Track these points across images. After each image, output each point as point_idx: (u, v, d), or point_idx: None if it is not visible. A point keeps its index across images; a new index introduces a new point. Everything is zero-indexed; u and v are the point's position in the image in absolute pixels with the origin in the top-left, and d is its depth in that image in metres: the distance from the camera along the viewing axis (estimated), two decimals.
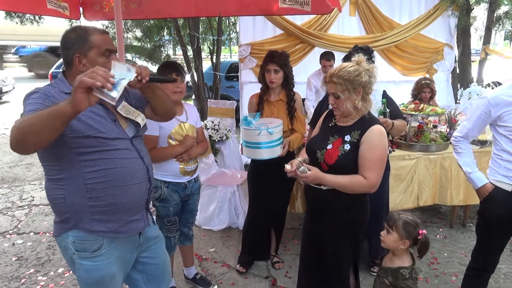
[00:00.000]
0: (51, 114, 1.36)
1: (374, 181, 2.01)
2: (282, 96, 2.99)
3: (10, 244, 3.76)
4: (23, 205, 4.71)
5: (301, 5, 3.51)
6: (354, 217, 2.16)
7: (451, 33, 6.65)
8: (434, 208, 4.37)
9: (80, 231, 1.68)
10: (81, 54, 1.65)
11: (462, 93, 4.95)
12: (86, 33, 1.66)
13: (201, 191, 3.87)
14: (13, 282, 3.15)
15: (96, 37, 1.67)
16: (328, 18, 5.86)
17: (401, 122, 2.95)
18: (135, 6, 3.78)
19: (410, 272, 2.01)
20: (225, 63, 9.80)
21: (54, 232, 1.78)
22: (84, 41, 1.65)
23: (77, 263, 1.72)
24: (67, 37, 1.68)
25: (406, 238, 2.01)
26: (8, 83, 12.98)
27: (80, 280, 1.76)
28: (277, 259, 3.35)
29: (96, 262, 1.71)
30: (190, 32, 6.42)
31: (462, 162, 2.49)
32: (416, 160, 3.61)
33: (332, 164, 2.04)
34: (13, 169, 6.11)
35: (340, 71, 2.02)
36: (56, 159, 1.62)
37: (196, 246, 3.54)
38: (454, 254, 3.52)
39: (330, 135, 2.14)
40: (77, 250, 1.70)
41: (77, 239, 1.69)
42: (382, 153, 2.04)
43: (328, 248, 2.19)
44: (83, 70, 1.57)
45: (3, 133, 8.64)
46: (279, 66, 2.89)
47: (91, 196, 1.65)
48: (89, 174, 1.64)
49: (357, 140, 2.03)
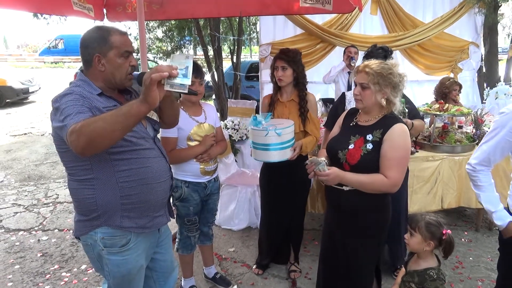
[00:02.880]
0: (126, 115, 1.46)
1: (396, 181, 1.97)
2: (294, 96, 2.88)
3: (36, 240, 3.86)
4: (48, 203, 4.83)
5: (323, 4, 3.47)
6: (377, 218, 2.12)
7: (477, 31, 6.48)
8: (459, 211, 4.26)
9: (110, 227, 1.72)
10: (101, 54, 1.68)
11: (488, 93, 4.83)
12: (107, 33, 1.69)
13: (221, 190, 3.88)
14: (38, 278, 3.23)
15: (116, 38, 1.69)
16: (350, 17, 5.80)
17: (420, 122, 2.89)
18: (157, 7, 3.83)
19: (437, 272, 1.97)
20: (245, 63, 9.82)
21: (77, 231, 1.80)
22: (104, 42, 1.68)
23: (106, 259, 1.76)
24: (88, 36, 1.71)
25: (430, 239, 1.96)
26: (34, 83, 13.35)
27: (109, 274, 1.80)
28: (295, 267, 3.21)
29: (124, 256, 1.77)
30: (211, 32, 6.46)
31: (483, 199, 2.08)
32: (441, 161, 3.53)
33: (355, 164, 2.01)
34: (39, 167, 6.28)
35: (375, 64, 2.01)
36: (86, 161, 1.65)
37: (216, 246, 3.55)
38: (480, 259, 3.42)
39: (352, 134, 2.10)
40: (106, 246, 1.74)
41: (106, 236, 1.73)
42: (405, 152, 2.00)
43: (350, 253, 2.15)
44: (102, 70, 1.69)
45: (29, 131, 8.89)
46: (287, 63, 2.77)
47: (123, 195, 1.70)
48: (122, 173, 1.69)
49: (379, 139, 1.99)
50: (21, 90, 12.64)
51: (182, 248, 2.78)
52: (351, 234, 2.14)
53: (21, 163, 6.49)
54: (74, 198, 1.78)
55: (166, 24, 7.66)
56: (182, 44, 8.16)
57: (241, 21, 6.91)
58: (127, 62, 1.72)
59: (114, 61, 1.69)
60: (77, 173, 1.71)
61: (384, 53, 2.79)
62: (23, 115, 11.05)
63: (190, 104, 2.62)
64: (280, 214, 3.01)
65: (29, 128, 9.23)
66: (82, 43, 1.72)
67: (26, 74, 15.03)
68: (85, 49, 1.70)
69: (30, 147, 7.54)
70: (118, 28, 1.76)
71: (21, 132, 8.82)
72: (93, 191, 1.69)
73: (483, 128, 3.92)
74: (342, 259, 2.18)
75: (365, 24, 6.11)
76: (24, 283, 3.15)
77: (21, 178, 5.75)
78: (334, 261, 2.25)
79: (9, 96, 12.36)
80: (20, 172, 6.03)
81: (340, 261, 2.20)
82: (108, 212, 1.71)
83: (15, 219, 4.37)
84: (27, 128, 9.28)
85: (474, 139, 3.75)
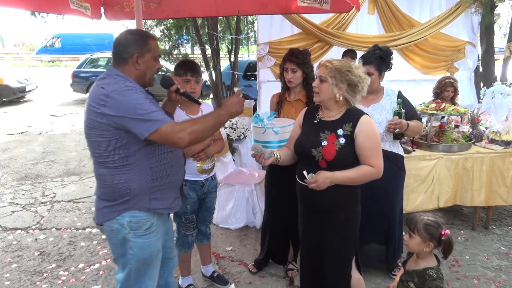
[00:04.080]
0: (221, 123, 1.90)
1: (380, 167, 2.11)
2: (301, 96, 2.91)
3: (33, 239, 3.85)
4: (45, 201, 4.82)
5: (320, 3, 3.48)
6: (350, 210, 2.20)
7: (474, 31, 6.49)
8: (455, 210, 4.28)
9: (138, 211, 1.87)
10: (139, 54, 1.87)
11: (485, 92, 4.86)
12: (146, 37, 1.92)
13: (219, 189, 3.88)
14: (35, 276, 3.23)
15: (153, 43, 1.93)
16: (347, 17, 5.80)
17: (417, 123, 2.91)
18: (155, 6, 3.82)
19: (437, 272, 1.98)
20: (243, 62, 9.81)
21: (102, 217, 1.90)
22: (144, 44, 1.88)
23: (132, 242, 1.89)
24: (129, 37, 1.90)
25: (429, 241, 1.97)
26: (31, 82, 13.31)
27: (133, 258, 1.92)
28: (292, 266, 3.23)
29: (148, 239, 1.92)
30: (209, 31, 6.46)
31: None
32: (437, 160, 3.55)
33: (331, 160, 2.06)
34: (36, 166, 6.26)
35: (336, 60, 2.13)
36: (126, 148, 1.80)
37: (213, 245, 3.55)
38: (476, 257, 3.44)
39: (320, 131, 2.15)
40: (132, 229, 1.88)
41: (134, 219, 1.87)
42: (378, 139, 2.14)
43: (327, 243, 2.21)
44: (138, 69, 1.88)
45: (26, 130, 8.87)
46: (297, 65, 2.81)
47: (154, 178, 1.88)
48: (154, 158, 1.87)
49: (351, 132, 2.08)
50: (18, 89, 12.62)
51: (179, 246, 2.79)
52: (328, 227, 2.19)
53: (18, 162, 6.47)
54: (104, 184, 1.88)
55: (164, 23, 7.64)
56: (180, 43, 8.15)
57: (239, 20, 6.91)
58: (157, 65, 1.95)
59: (149, 62, 1.90)
60: (113, 160, 1.82)
61: (380, 53, 2.83)
62: (20, 114, 11.01)
63: (188, 103, 2.63)
64: (282, 213, 3.02)
65: (26, 127, 9.21)
66: (121, 42, 1.89)
67: (23, 72, 15.02)
68: (124, 48, 1.87)
69: (27, 146, 7.52)
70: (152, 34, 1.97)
71: (18, 131, 8.80)
72: (128, 176, 1.82)
73: (479, 127, 3.94)
74: (326, 256, 2.23)
75: (362, 24, 6.11)
76: (21, 282, 3.15)
77: (18, 177, 5.74)
78: (317, 260, 2.28)
79: (6, 94, 12.33)
80: (17, 171, 6.01)
81: (324, 259, 2.24)
82: (139, 195, 1.85)
83: (12, 218, 4.36)
84: (24, 127, 9.26)
85: (470, 138, 3.77)
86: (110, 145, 1.79)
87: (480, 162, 3.62)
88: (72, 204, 4.73)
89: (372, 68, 2.79)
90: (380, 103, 2.91)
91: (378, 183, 2.44)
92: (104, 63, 13.72)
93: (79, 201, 4.81)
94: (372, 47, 2.93)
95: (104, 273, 3.26)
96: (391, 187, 2.90)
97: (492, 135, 3.79)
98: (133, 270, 1.95)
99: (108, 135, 1.76)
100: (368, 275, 3.12)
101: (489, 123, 4.07)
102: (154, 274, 2.03)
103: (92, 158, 1.91)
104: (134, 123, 1.72)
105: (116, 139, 1.77)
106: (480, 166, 3.62)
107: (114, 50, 1.90)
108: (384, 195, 2.88)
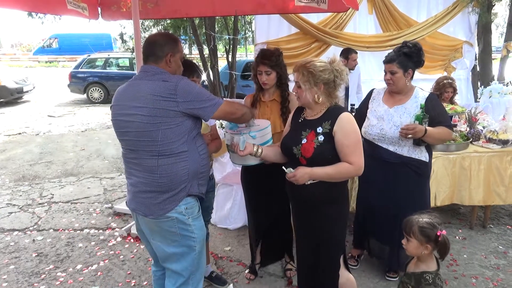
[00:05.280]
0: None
1: (359, 164, 2.10)
2: (276, 96, 2.87)
3: (31, 240, 3.84)
4: (43, 202, 4.81)
5: (318, 3, 3.48)
6: (337, 209, 2.22)
7: (471, 30, 6.51)
8: (453, 209, 4.29)
9: (189, 197, 2.09)
10: (173, 53, 2.09)
11: (482, 92, 4.86)
12: (177, 40, 2.17)
13: (217, 190, 3.88)
14: (33, 278, 3.22)
15: (181, 46, 2.18)
16: (344, 17, 5.81)
17: (442, 130, 2.72)
18: (152, 6, 3.82)
19: (434, 277, 1.95)
20: (240, 62, 9.81)
21: (162, 210, 2.03)
22: (176, 45, 2.12)
23: (192, 226, 2.10)
24: (164, 38, 2.13)
25: (426, 243, 1.95)
26: (28, 83, 13.27)
27: (196, 240, 2.12)
28: (290, 266, 3.21)
29: (201, 220, 2.18)
30: (206, 31, 6.46)
31: None
32: (435, 159, 3.54)
33: (310, 157, 2.10)
34: (34, 167, 6.24)
35: (308, 63, 2.12)
36: (183, 137, 2.01)
37: (212, 245, 3.56)
38: (474, 256, 3.45)
39: (302, 130, 2.20)
40: (189, 214, 2.08)
41: (188, 205, 2.08)
42: (357, 136, 2.12)
43: (313, 239, 2.25)
44: (170, 66, 2.09)
45: (23, 131, 8.84)
46: (270, 67, 2.76)
47: (202, 164, 2.11)
48: (200, 146, 2.12)
49: (329, 130, 2.10)
50: (15, 90, 12.57)
51: None
52: (319, 225, 2.22)
53: (16, 163, 6.45)
54: (163, 175, 2.00)
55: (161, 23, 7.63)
56: None
57: (237, 20, 6.92)
58: (181, 66, 2.19)
59: (178, 61, 2.14)
60: (176, 148, 2.00)
61: (406, 49, 2.70)
62: (17, 114, 10.98)
63: None
64: (263, 214, 3.01)
65: (23, 128, 9.18)
66: (159, 42, 2.09)
67: (20, 73, 14.99)
68: (160, 47, 2.07)
69: (25, 146, 7.50)
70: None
71: (15, 132, 8.77)
72: (187, 163, 2.03)
73: (477, 126, 3.95)
74: (315, 252, 2.26)
75: (360, 23, 6.12)
76: (19, 284, 3.14)
77: (15, 178, 5.72)
78: (307, 256, 2.32)
79: (3, 95, 12.27)
80: (14, 172, 5.99)
81: (313, 256, 2.27)
82: (192, 181, 2.07)
83: (10, 219, 4.34)
84: (22, 127, 9.23)
85: (468, 137, 3.77)
86: (175, 132, 1.98)
87: (477, 161, 3.63)
88: (70, 205, 4.72)
89: (394, 66, 2.70)
90: (405, 105, 2.77)
91: (395, 188, 2.42)
92: (102, 64, 13.70)
93: (77, 202, 4.80)
94: (402, 43, 2.79)
95: (102, 274, 3.25)
96: (407, 193, 2.81)
97: (489, 134, 3.80)
98: (197, 253, 2.14)
99: (175, 121, 1.96)
100: (368, 274, 3.13)
101: (487, 122, 4.07)
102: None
103: (145, 151, 2.00)
104: (201, 106, 1.99)
105: (181, 125, 1.99)
106: (478, 165, 3.63)
107: (148, 49, 2.09)
108: (400, 201, 2.81)
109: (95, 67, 13.66)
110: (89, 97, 13.21)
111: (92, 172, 5.89)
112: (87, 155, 6.73)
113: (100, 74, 13.35)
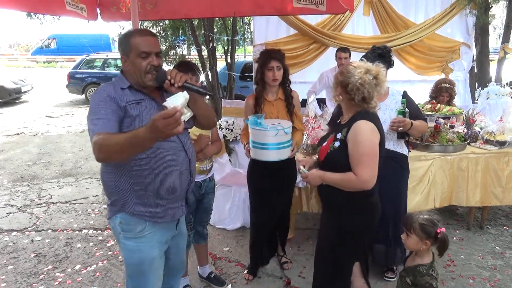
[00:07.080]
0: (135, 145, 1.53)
1: (363, 177, 1.99)
2: (280, 94, 2.93)
3: (29, 241, 3.84)
4: (41, 203, 4.81)
5: (316, 4, 3.49)
6: (353, 218, 2.14)
7: (468, 32, 6.52)
8: (451, 210, 4.31)
9: (126, 214, 1.86)
10: (126, 55, 1.84)
11: (480, 93, 4.87)
12: (128, 36, 1.84)
13: (216, 190, 3.87)
14: (32, 278, 3.22)
15: (135, 40, 1.81)
16: (343, 18, 5.82)
17: (421, 123, 2.92)
18: (151, 7, 3.82)
19: (427, 268, 2.02)
20: (239, 63, 9.83)
21: (107, 215, 1.96)
22: (126, 44, 1.83)
23: (122, 244, 1.90)
24: (119, 40, 1.90)
25: (426, 239, 2.01)
26: (27, 83, 13.25)
27: (125, 261, 1.95)
28: (285, 259, 3.29)
29: (138, 243, 1.88)
30: (205, 32, 6.46)
31: None
32: (432, 161, 3.57)
33: (322, 160, 2.13)
34: (32, 167, 6.24)
35: (345, 67, 2.13)
36: None
37: (210, 245, 3.56)
38: (472, 257, 3.47)
39: (332, 132, 2.24)
40: (123, 230, 1.88)
41: (123, 221, 1.87)
42: (366, 148, 2.00)
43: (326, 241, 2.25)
44: (128, 70, 1.84)
45: (22, 131, 8.83)
46: (280, 63, 2.84)
47: (135, 181, 1.82)
48: (135, 161, 1.78)
49: (345, 137, 2.07)
50: (14, 90, 12.57)
51: None
52: (329, 228, 2.22)
53: (14, 163, 6.44)
54: (102, 180, 1.94)
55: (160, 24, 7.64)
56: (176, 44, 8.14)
57: (235, 21, 6.92)
58: (145, 62, 1.80)
59: (134, 61, 1.81)
60: None
61: (379, 51, 2.87)
62: (15, 115, 10.97)
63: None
64: (272, 208, 3.03)
65: (21, 128, 9.17)
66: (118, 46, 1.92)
67: (19, 73, 14.94)
68: (119, 51, 1.88)
69: (23, 147, 7.49)
70: (144, 28, 1.89)
71: (13, 132, 8.76)
72: (113, 176, 1.84)
73: (474, 128, 3.97)
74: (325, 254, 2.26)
75: (358, 25, 6.13)
76: (17, 284, 3.14)
77: (13, 179, 5.72)
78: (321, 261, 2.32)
79: (1, 95, 12.27)
80: (12, 173, 5.99)
81: (323, 256, 2.29)
82: (123, 197, 1.84)
83: (8, 219, 4.34)
84: (20, 128, 9.22)
85: (465, 138, 3.79)
86: None
87: (475, 163, 3.64)
88: (68, 205, 4.72)
89: None
90: (385, 102, 2.91)
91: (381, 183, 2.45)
92: (100, 64, 13.69)
93: (75, 203, 4.80)
94: (371, 47, 2.95)
95: (101, 274, 3.25)
96: (394, 187, 2.91)
97: (487, 136, 3.82)
98: (127, 276, 1.95)
99: None
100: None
101: (484, 124, 4.09)
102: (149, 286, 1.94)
103: None
104: (88, 129, 1.73)
105: None
106: (475, 166, 3.65)
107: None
108: (387, 196, 2.81)
109: (93, 67, 13.66)
110: (88, 98, 13.18)
111: (91, 173, 5.89)
112: (85, 155, 6.72)
113: (98, 74, 13.35)
